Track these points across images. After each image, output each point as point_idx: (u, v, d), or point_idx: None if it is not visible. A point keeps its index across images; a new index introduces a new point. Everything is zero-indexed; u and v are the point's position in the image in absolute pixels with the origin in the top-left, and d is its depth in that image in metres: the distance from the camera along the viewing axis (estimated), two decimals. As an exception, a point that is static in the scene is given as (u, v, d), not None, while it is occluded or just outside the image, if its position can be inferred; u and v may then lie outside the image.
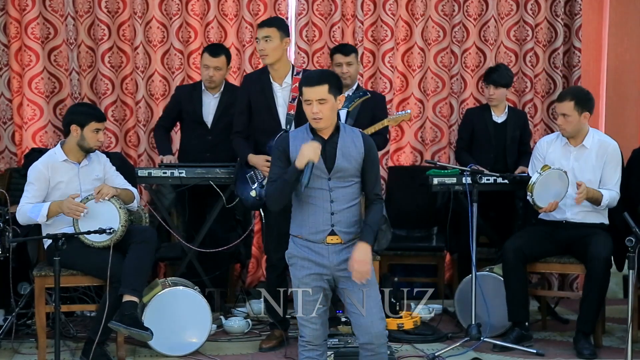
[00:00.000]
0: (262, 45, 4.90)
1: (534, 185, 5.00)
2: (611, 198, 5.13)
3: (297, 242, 3.78)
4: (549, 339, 5.43)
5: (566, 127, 5.15)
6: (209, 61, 5.69)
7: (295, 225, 3.81)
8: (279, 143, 3.80)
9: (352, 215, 3.76)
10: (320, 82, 3.67)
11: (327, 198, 3.71)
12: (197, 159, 5.67)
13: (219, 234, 5.80)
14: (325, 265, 3.73)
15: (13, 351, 5.04)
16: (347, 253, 3.72)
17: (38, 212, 4.69)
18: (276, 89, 4.99)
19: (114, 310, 4.59)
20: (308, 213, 3.73)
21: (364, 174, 3.78)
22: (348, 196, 3.74)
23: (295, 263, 3.78)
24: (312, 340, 3.76)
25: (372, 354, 3.74)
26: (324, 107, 3.67)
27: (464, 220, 5.45)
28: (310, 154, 3.60)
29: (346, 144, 3.74)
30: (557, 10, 6.67)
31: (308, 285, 3.73)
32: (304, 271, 3.74)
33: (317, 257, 3.73)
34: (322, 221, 3.71)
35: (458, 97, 6.69)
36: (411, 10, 6.59)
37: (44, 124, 6.17)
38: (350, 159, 3.73)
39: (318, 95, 3.65)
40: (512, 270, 5.17)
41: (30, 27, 6.09)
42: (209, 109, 5.79)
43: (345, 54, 5.77)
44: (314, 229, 3.73)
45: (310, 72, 3.89)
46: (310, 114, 3.68)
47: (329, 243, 3.72)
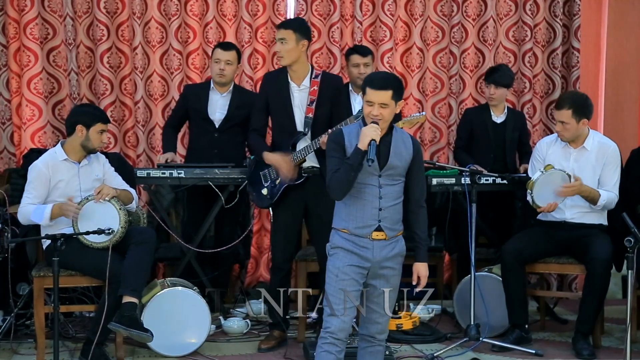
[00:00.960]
0: (278, 47, 4.94)
1: (534, 183, 5.00)
2: (609, 199, 5.12)
3: (342, 235, 3.83)
4: (548, 340, 5.43)
5: (564, 134, 5.15)
6: (220, 55, 5.70)
7: (340, 219, 3.85)
8: (333, 138, 3.86)
9: (396, 213, 3.85)
10: (386, 87, 3.75)
11: (377, 194, 3.79)
12: (205, 157, 5.68)
13: (225, 235, 5.81)
14: (368, 259, 3.79)
15: (12, 351, 5.04)
16: (390, 250, 3.82)
17: (41, 214, 4.68)
18: (293, 90, 4.98)
19: (113, 311, 4.59)
20: (356, 207, 3.80)
21: (410, 176, 3.87)
22: (395, 194, 3.83)
23: (337, 253, 3.82)
24: (337, 332, 3.78)
25: (370, 345, 3.91)
26: (385, 111, 3.75)
27: (463, 221, 5.46)
28: (372, 134, 3.68)
29: (398, 144, 3.84)
30: (555, 11, 6.68)
31: (347, 275, 3.77)
32: (346, 261, 3.79)
33: (362, 250, 3.79)
34: (370, 216, 3.79)
35: (457, 97, 6.69)
36: (410, 11, 6.59)
37: (42, 124, 6.17)
38: (401, 158, 3.83)
39: (381, 100, 3.74)
40: (511, 272, 5.17)
41: (29, 27, 6.09)
42: (216, 107, 5.79)
43: (363, 54, 5.78)
44: (362, 223, 3.79)
45: (376, 74, 3.95)
46: (371, 115, 3.75)
47: (375, 239, 3.79)
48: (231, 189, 5.56)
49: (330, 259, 3.85)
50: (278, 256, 5.09)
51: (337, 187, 3.77)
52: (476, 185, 5.16)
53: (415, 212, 3.91)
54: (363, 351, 3.94)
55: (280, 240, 5.07)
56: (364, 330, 3.91)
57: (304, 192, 4.97)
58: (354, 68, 5.75)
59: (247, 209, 6.18)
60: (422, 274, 3.93)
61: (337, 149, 3.82)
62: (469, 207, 5.14)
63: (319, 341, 3.84)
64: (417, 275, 3.93)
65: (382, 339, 3.91)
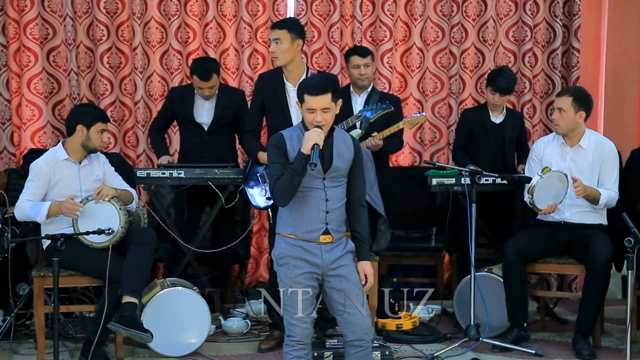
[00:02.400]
0: (273, 47, 4.90)
1: (534, 187, 5.00)
2: (610, 197, 5.13)
3: (289, 241, 3.80)
4: (548, 340, 5.43)
5: (560, 122, 5.14)
6: (201, 84, 5.63)
7: (286, 225, 3.82)
8: (275, 143, 3.82)
9: (341, 215, 3.84)
10: (325, 91, 3.72)
11: (323, 197, 3.77)
12: (196, 159, 5.68)
13: (223, 235, 5.82)
14: (317, 264, 3.77)
15: (12, 352, 5.04)
16: (337, 252, 3.80)
17: (38, 211, 4.69)
18: (289, 90, 4.97)
19: (112, 311, 4.59)
20: (303, 212, 3.77)
21: (351, 176, 3.85)
22: (340, 195, 3.83)
23: (287, 263, 3.79)
24: (302, 339, 3.79)
25: (361, 349, 3.83)
26: (328, 115, 3.74)
27: (463, 221, 5.46)
28: (316, 138, 3.66)
29: (340, 145, 3.82)
30: (555, 11, 6.68)
31: (301, 284, 3.76)
32: (297, 270, 3.77)
33: (310, 256, 3.77)
34: (318, 220, 3.77)
35: (457, 97, 6.69)
36: (410, 11, 6.59)
37: (42, 124, 6.17)
38: (343, 159, 3.81)
39: (322, 104, 3.71)
40: (512, 271, 5.17)
41: (29, 27, 6.09)
42: (202, 111, 5.78)
43: (362, 55, 5.76)
44: (309, 227, 3.77)
45: (310, 80, 3.88)
46: (313, 122, 3.73)
47: (322, 242, 3.78)
48: (231, 189, 5.57)
49: (280, 269, 3.82)
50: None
51: (281, 194, 3.74)
52: (476, 186, 5.16)
53: (357, 212, 3.89)
54: (352, 357, 3.85)
55: None
56: (350, 337, 3.82)
57: None
58: (354, 69, 5.74)
59: (247, 209, 6.19)
60: (368, 271, 3.87)
61: (279, 154, 3.78)
62: (469, 207, 5.14)
63: (285, 348, 3.83)
64: (363, 274, 3.87)
65: (369, 339, 3.85)
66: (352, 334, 3.81)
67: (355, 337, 3.82)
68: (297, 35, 4.91)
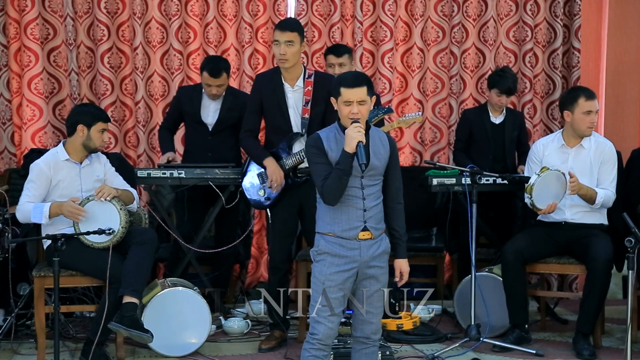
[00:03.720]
0: (284, 49, 4.85)
1: (532, 187, 5.00)
2: (606, 197, 5.12)
3: (328, 239, 3.82)
4: (549, 340, 5.43)
5: (595, 124, 5.16)
6: (210, 80, 5.66)
7: (325, 224, 3.84)
8: (312, 143, 3.83)
9: (379, 212, 3.85)
10: (360, 84, 3.75)
11: (360, 196, 3.79)
12: (199, 159, 5.69)
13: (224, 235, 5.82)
14: (356, 260, 3.79)
15: (12, 352, 5.04)
16: (377, 248, 3.82)
17: (40, 213, 4.68)
18: (287, 90, 4.97)
19: (113, 311, 4.59)
20: (341, 211, 3.79)
21: (388, 174, 3.88)
22: (377, 193, 3.85)
23: (324, 259, 3.80)
24: (324, 339, 3.79)
25: (367, 346, 3.89)
26: (363, 107, 3.75)
27: (464, 221, 5.46)
28: (358, 135, 3.68)
29: (376, 143, 3.84)
30: (556, 11, 6.68)
31: (334, 282, 3.77)
32: (332, 268, 3.78)
33: (349, 252, 3.79)
34: (356, 218, 3.79)
35: (457, 97, 6.69)
36: (410, 11, 6.59)
37: (43, 124, 6.17)
38: (380, 157, 3.83)
39: (359, 97, 3.73)
40: (512, 272, 5.17)
41: (29, 27, 6.10)
42: (209, 111, 5.79)
43: (337, 55, 5.76)
44: (348, 225, 3.79)
45: (346, 74, 3.93)
46: (349, 114, 3.74)
47: (361, 239, 3.79)
48: (232, 189, 5.57)
49: (316, 265, 3.84)
50: (276, 256, 5.10)
51: (331, 194, 3.76)
52: (476, 186, 5.16)
53: (394, 209, 3.91)
54: (358, 353, 3.92)
55: (277, 240, 5.08)
56: (358, 332, 3.89)
57: (299, 192, 4.97)
58: (329, 68, 5.76)
59: (247, 209, 6.19)
60: (404, 269, 3.95)
61: (319, 154, 3.80)
62: (469, 207, 5.14)
63: (305, 345, 3.83)
64: (399, 271, 3.94)
65: (376, 339, 3.91)
66: (360, 330, 3.88)
67: (363, 334, 3.88)
68: (303, 37, 4.94)
